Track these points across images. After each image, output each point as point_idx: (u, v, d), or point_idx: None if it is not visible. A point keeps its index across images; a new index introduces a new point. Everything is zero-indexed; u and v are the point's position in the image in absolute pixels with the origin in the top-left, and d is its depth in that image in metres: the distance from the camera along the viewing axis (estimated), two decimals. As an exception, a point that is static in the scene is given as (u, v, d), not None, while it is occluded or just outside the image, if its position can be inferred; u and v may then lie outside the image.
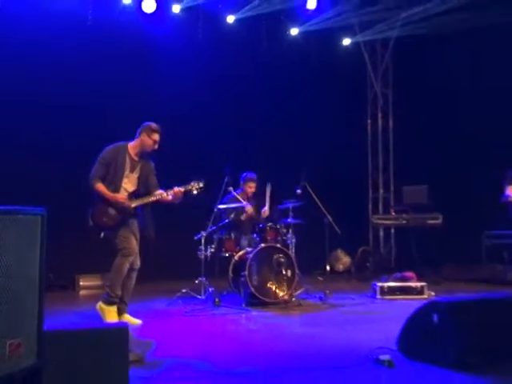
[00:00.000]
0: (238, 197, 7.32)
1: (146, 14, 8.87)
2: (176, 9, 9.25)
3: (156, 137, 5.39)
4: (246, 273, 6.32)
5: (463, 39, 9.34)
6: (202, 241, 6.89)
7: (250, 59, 9.63)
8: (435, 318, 3.55)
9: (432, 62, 10.06)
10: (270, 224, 6.83)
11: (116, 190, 5.28)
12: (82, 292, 7.99)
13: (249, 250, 6.73)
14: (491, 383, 3.15)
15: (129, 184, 5.37)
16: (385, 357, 3.52)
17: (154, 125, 5.41)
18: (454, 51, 9.61)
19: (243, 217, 7.21)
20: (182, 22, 9.29)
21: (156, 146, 5.42)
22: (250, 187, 7.42)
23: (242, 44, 9.60)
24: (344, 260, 10.28)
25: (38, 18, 7.96)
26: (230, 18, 9.68)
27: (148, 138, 5.37)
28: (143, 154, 5.46)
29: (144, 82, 8.61)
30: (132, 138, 5.47)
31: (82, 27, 8.37)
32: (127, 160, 5.37)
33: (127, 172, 5.36)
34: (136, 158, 5.41)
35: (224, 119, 9.12)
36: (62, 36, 8.05)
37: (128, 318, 5.31)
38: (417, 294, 6.92)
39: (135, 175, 5.41)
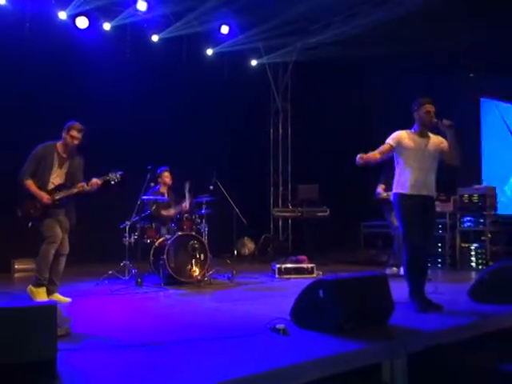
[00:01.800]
0: (161, 190, 7.25)
1: (79, 29, 8.54)
2: (107, 26, 8.92)
3: (74, 133, 5.12)
4: (165, 256, 6.23)
5: (344, 66, 9.70)
6: (127, 229, 6.73)
7: (171, 73, 9.47)
8: (321, 293, 3.63)
9: (322, 82, 10.34)
10: (186, 215, 6.76)
11: (44, 184, 5.08)
12: (17, 275, 7.54)
13: (168, 237, 6.63)
14: (361, 343, 3.28)
15: (57, 178, 5.17)
16: (280, 326, 3.55)
17: (72, 123, 5.15)
18: (337, 75, 9.97)
19: (163, 214, 7.08)
20: (112, 38, 8.98)
21: (76, 142, 5.15)
22: (166, 177, 7.31)
23: (165, 60, 9.41)
24: (249, 245, 10.36)
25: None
26: (155, 37, 9.48)
27: (67, 135, 5.14)
28: (71, 151, 5.24)
29: (76, 89, 8.27)
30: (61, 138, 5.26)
31: (20, 38, 7.93)
32: (55, 157, 5.17)
33: (55, 168, 5.16)
34: (64, 156, 5.20)
35: (147, 124, 8.93)
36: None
37: (58, 297, 5.08)
38: (308, 274, 7.06)
39: (64, 170, 5.21)
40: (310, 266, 7.20)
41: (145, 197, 6.84)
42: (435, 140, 4.76)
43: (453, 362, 3.55)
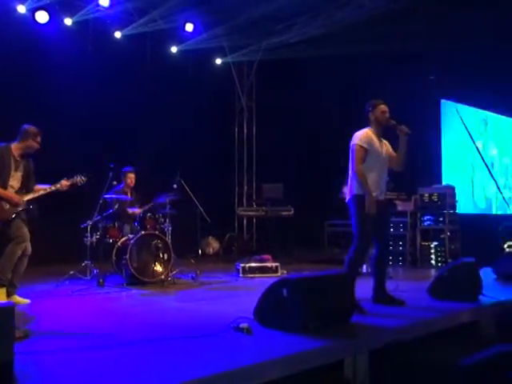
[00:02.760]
0: (124, 189, 7.13)
1: (39, 23, 8.32)
2: (68, 21, 8.72)
3: (39, 139, 5.12)
4: (128, 256, 6.13)
5: (309, 65, 9.79)
6: (88, 228, 6.60)
7: (135, 71, 9.30)
8: (284, 291, 3.65)
9: (286, 82, 10.40)
10: (149, 214, 6.68)
11: (4, 187, 4.96)
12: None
13: (131, 236, 6.53)
14: (324, 341, 3.31)
15: (14, 182, 5.06)
16: (244, 325, 3.55)
17: (35, 128, 5.11)
18: (302, 75, 10.05)
19: (129, 212, 6.98)
20: (74, 34, 8.77)
21: (39, 147, 5.15)
22: (130, 178, 7.20)
23: (128, 57, 9.26)
24: (214, 245, 10.32)
25: None
26: (118, 34, 9.32)
27: (34, 142, 5.09)
28: (24, 154, 5.14)
29: (36, 85, 8.06)
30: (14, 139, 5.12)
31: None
32: (12, 160, 5.04)
33: (12, 171, 5.04)
34: (18, 159, 5.10)
35: (110, 122, 8.76)
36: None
37: (16, 298, 4.94)
38: (272, 273, 7.06)
39: (19, 173, 5.10)
40: (274, 264, 7.21)
41: (107, 195, 6.73)
42: (386, 144, 4.82)
43: (413, 357, 3.63)
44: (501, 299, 4.95)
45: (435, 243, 8.58)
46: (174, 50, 10.21)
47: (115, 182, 6.84)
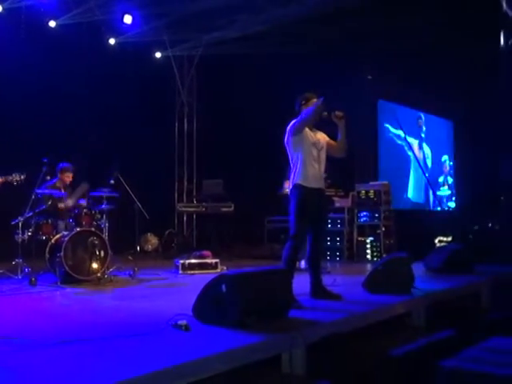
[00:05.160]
0: (57, 185, 6.87)
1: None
2: (-2, 8, 8.34)
3: None
4: (62, 253, 5.93)
5: (250, 62, 9.82)
6: (20, 225, 6.33)
7: (71, 62, 9.00)
8: (223, 287, 3.65)
9: (227, 77, 10.40)
10: (85, 210, 6.49)
11: None
12: None
13: (65, 233, 6.32)
14: (261, 336, 3.35)
15: None
16: (182, 322, 3.52)
17: None
18: (243, 71, 10.07)
19: (61, 206, 6.73)
20: (5, 21, 8.36)
21: None
22: (68, 176, 6.94)
23: (64, 47, 8.94)
24: (153, 241, 10.20)
25: None
26: (52, 23, 8.98)
27: None
28: None
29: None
30: None
31: None
32: None
33: None
34: None
35: (43, 114, 8.46)
36: None
37: None
38: (212, 269, 7.04)
39: None
40: (214, 261, 7.20)
41: (39, 191, 6.47)
42: (320, 134, 4.86)
43: (349, 349, 3.73)
44: (430, 291, 5.18)
45: (371, 238, 8.84)
46: (112, 41, 9.97)
47: (48, 177, 6.59)
